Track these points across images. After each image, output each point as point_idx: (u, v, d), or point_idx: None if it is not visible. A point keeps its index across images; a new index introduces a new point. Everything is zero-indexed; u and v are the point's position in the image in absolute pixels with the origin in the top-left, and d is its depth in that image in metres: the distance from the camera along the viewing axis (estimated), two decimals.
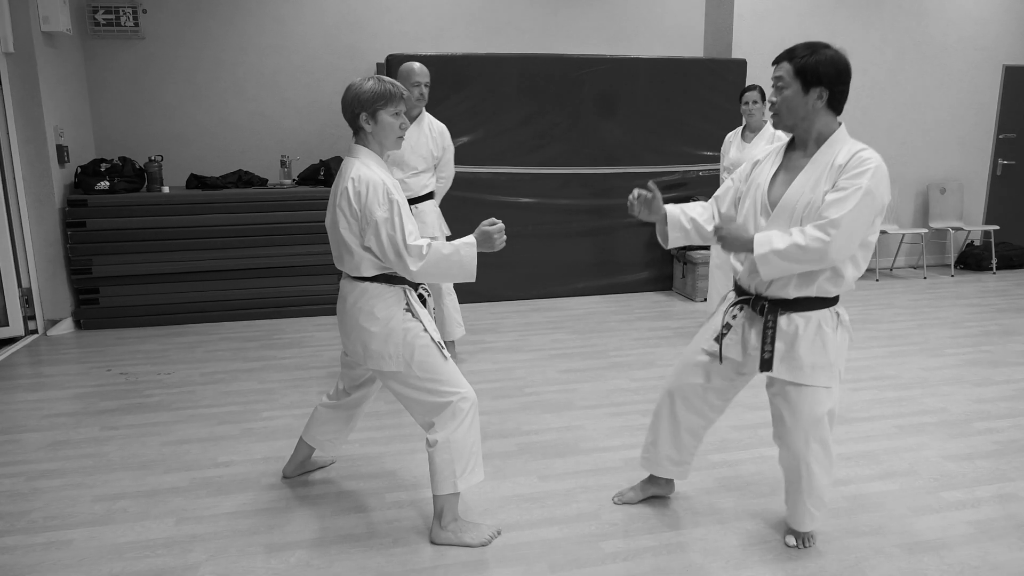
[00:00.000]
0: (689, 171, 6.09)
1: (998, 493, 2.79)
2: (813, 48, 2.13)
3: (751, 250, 2.14)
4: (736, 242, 2.20)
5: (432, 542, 2.45)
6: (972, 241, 7.44)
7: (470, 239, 2.33)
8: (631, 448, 3.17)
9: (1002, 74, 7.18)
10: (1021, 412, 3.58)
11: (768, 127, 4.76)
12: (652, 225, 2.52)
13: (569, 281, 6.05)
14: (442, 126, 4.18)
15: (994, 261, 7.04)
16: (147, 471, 3.00)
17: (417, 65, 3.98)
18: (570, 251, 6.02)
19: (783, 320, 2.21)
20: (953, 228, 7.02)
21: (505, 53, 5.84)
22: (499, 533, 2.51)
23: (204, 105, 5.94)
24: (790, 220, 2.15)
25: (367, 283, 2.39)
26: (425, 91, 4.01)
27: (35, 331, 5.06)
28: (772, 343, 2.21)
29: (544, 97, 5.74)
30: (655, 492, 2.73)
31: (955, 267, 7.22)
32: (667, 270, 6.29)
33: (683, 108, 6.04)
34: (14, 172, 4.84)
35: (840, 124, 2.21)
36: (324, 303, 5.42)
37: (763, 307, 2.24)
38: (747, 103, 4.71)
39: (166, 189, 5.38)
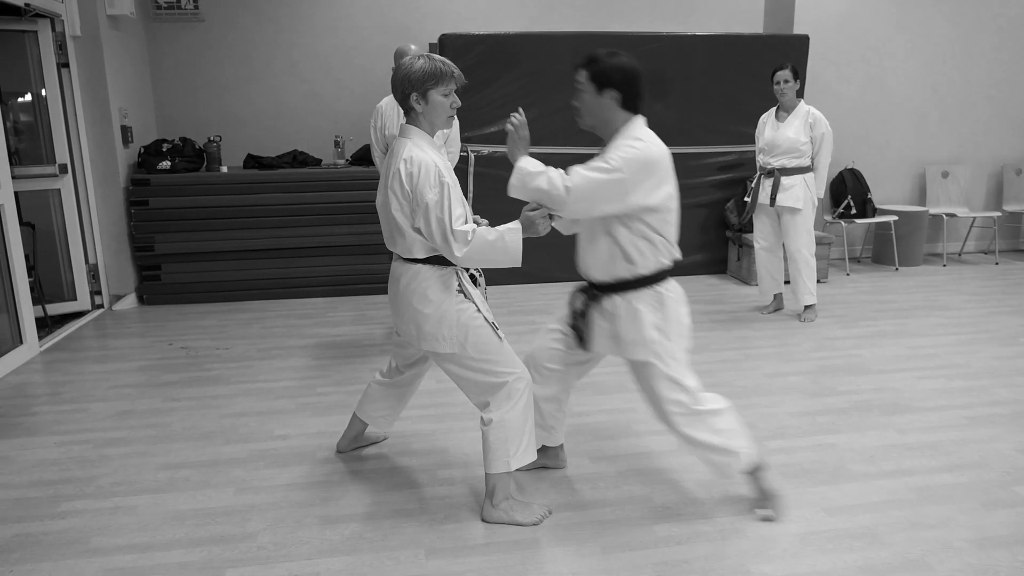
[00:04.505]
0: (746, 152, 5.93)
1: None
2: (601, 56, 2.30)
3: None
4: (509, 148, 2.37)
5: (483, 520, 2.46)
6: None
7: (515, 224, 2.29)
8: None
9: None
10: None
11: (802, 105, 4.61)
12: (707, 207, 2.61)
13: None
14: None
15: None
16: (207, 442, 3.08)
17: (414, 47, 3.97)
18: None
19: (607, 302, 2.40)
20: None
21: (557, 32, 5.76)
22: (550, 513, 2.50)
23: (260, 86, 6.04)
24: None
25: (419, 265, 2.38)
26: None
27: (101, 305, 5.25)
28: (587, 324, 2.45)
29: None
30: (543, 463, 2.77)
31: None
32: (721, 253, 6.15)
33: (741, 86, 5.87)
34: (82, 152, 5.01)
35: (634, 119, 2.35)
36: (376, 282, 5.47)
37: (588, 291, 2.45)
38: (778, 82, 4.57)
39: (224, 169, 5.49)
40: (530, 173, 2.28)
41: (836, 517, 2.47)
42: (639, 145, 2.25)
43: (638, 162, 2.22)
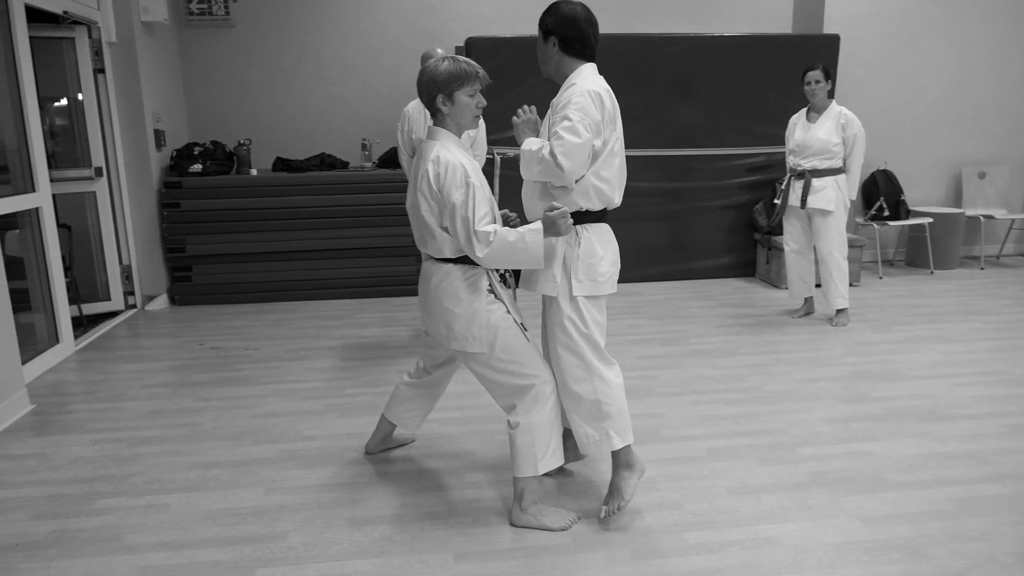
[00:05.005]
0: (775, 153, 5.86)
1: None
2: (549, 8, 2.44)
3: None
4: (515, 133, 2.50)
5: (512, 524, 2.45)
6: None
7: (536, 225, 2.28)
8: (715, 437, 3.08)
9: None
10: None
11: (833, 106, 4.54)
12: (735, 209, 2.63)
13: (647, 266, 5.94)
14: None
15: None
16: (238, 441, 3.11)
17: (440, 50, 3.98)
18: (648, 235, 5.90)
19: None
20: None
21: None
22: (579, 518, 2.48)
23: (290, 90, 6.10)
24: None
25: (450, 265, 2.39)
26: None
27: (134, 306, 5.33)
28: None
29: (623, 77, 5.60)
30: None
31: None
32: (749, 255, 6.08)
33: (769, 87, 5.80)
34: (116, 156, 5.09)
35: (583, 65, 2.43)
36: (403, 283, 5.50)
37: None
38: (809, 83, 4.51)
39: (254, 172, 5.55)
40: (531, 151, 2.36)
41: (873, 528, 2.42)
42: (579, 88, 2.32)
43: (584, 105, 2.30)
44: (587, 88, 2.32)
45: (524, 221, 2.47)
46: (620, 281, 2.58)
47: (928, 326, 4.64)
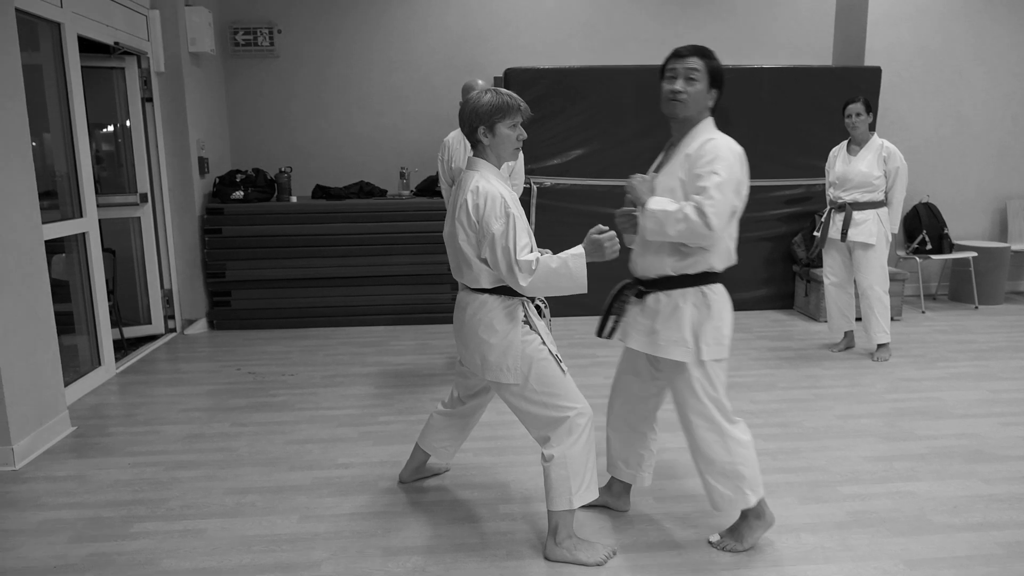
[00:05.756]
0: (814, 185, 5.80)
1: None
2: (713, 53, 2.37)
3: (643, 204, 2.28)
4: (635, 195, 2.33)
5: (546, 558, 2.42)
6: None
7: (578, 250, 2.27)
8: None
9: None
10: None
11: (875, 139, 4.48)
12: (773, 240, 2.59)
13: None
14: None
15: None
16: (273, 468, 3.13)
17: (481, 82, 4.02)
18: None
19: (650, 298, 2.37)
20: None
21: (621, 65, 5.78)
22: (615, 553, 2.44)
23: (330, 119, 6.23)
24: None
25: (486, 295, 2.39)
26: None
27: (173, 329, 5.43)
28: (618, 315, 2.46)
29: (661, 109, 5.62)
30: (606, 501, 2.70)
31: None
32: (788, 288, 6.00)
33: (809, 119, 5.77)
34: (162, 182, 5.23)
35: (710, 118, 2.38)
36: (438, 311, 5.52)
37: (631, 285, 2.44)
38: (850, 115, 4.47)
39: (294, 199, 5.66)
40: (667, 212, 2.21)
41: (918, 571, 2.34)
42: (722, 144, 2.25)
43: (732, 163, 2.23)
44: (730, 146, 2.27)
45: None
46: None
47: (973, 363, 4.52)
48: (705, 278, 2.32)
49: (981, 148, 6.35)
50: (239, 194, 5.50)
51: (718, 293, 2.35)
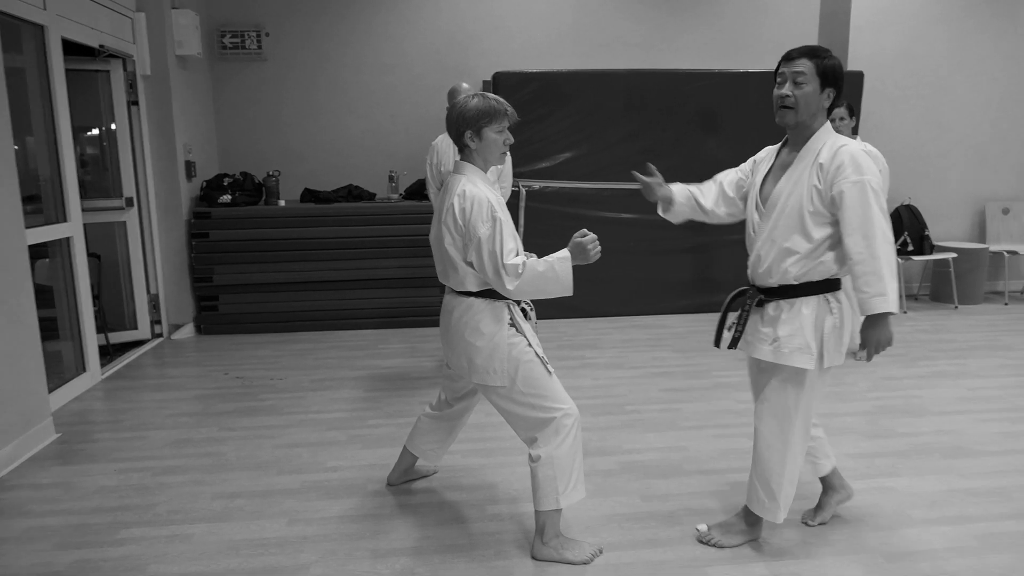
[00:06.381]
0: None
1: None
2: (827, 52, 2.26)
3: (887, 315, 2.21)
4: (883, 333, 2.24)
5: (533, 557, 2.44)
6: None
7: (564, 253, 2.31)
8: (738, 472, 3.06)
9: None
10: None
11: (858, 143, 4.53)
12: None
13: (670, 298, 5.93)
14: None
15: None
16: (261, 472, 3.13)
17: (467, 85, 4.04)
18: (672, 268, 5.90)
19: (771, 306, 2.36)
20: None
21: (610, 69, 5.82)
22: (601, 552, 2.47)
23: (319, 122, 6.23)
24: (779, 215, 2.31)
25: (472, 298, 2.42)
26: None
27: (160, 335, 5.41)
28: (743, 325, 2.41)
29: (649, 112, 5.68)
30: (832, 506, 2.69)
31: None
32: None
33: None
34: (148, 186, 5.22)
35: (827, 122, 2.32)
36: (427, 315, 5.53)
37: (750, 294, 2.42)
38: (833, 120, 4.52)
39: (282, 202, 5.65)
40: (887, 295, 2.15)
41: (897, 564, 2.38)
42: (857, 147, 2.23)
43: (872, 167, 2.20)
44: (864, 150, 2.24)
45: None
46: (643, 313, 2.61)
47: (953, 361, 4.59)
48: (827, 285, 2.30)
49: (961, 152, 6.44)
50: (227, 198, 5.49)
51: (840, 300, 2.33)
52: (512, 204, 5.23)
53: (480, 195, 2.31)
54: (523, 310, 2.54)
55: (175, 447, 3.41)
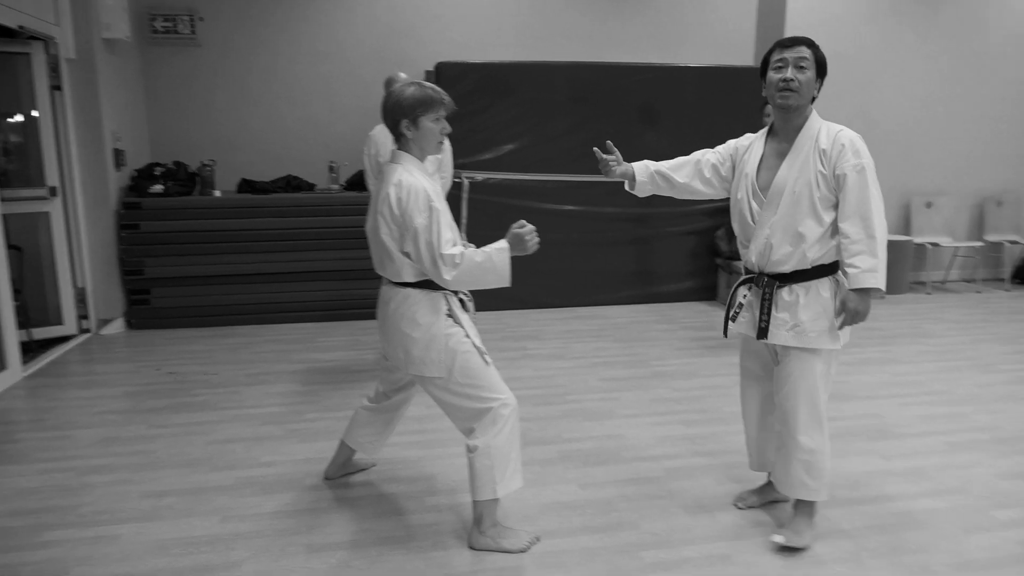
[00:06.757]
0: None
1: None
2: (817, 46, 2.37)
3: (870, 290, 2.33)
4: (864, 305, 2.34)
5: (471, 547, 2.45)
6: None
7: (502, 244, 2.31)
8: (673, 458, 3.12)
9: None
10: None
11: None
12: (697, 234, 2.64)
13: (612, 289, 6.01)
14: None
15: None
16: (193, 469, 3.05)
17: (404, 75, 4.03)
18: (614, 259, 5.98)
19: (785, 291, 2.39)
20: (1009, 242, 6.80)
21: (552, 61, 5.84)
22: (538, 540, 2.49)
23: (256, 111, 6.08)
24: (782, 202, 2.35)
25: (409, 289, 2.40)
26: None
27: (88, 330, 5.21)
28: (768, 313, 2.41)
29: (591, 105, 5.72)
30: (776, 496, 2.72)
31: (1011, 281, 6.98)
32: (711, 280, 6.20)
33: (730, 117, 5.94)
34: (73, 175, 5.01)
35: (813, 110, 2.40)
36: (370, 307, 5.41)
37: (764, 282, 2.42)
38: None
39: (217, 193, 5.50)
40: (876, 272, 2.28)
41: (820, 543, 2.48)
42: (851, 132, 2.33)
43: (866, 148, 2.32)
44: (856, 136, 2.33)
45: None
46: (586, 304, 2.63)
47: (878, 348, 4.78)
48: (837, 266, 2.39)
49: (888, 148, 6.69)
50: (158, 188, 5.31)
51: (841, 279, 2.41)
52: (455, 195, 5.20)
53: (416, 184, 2.29)
54: (461, 300, 2.53)
55: (102, 446, 3.30)
